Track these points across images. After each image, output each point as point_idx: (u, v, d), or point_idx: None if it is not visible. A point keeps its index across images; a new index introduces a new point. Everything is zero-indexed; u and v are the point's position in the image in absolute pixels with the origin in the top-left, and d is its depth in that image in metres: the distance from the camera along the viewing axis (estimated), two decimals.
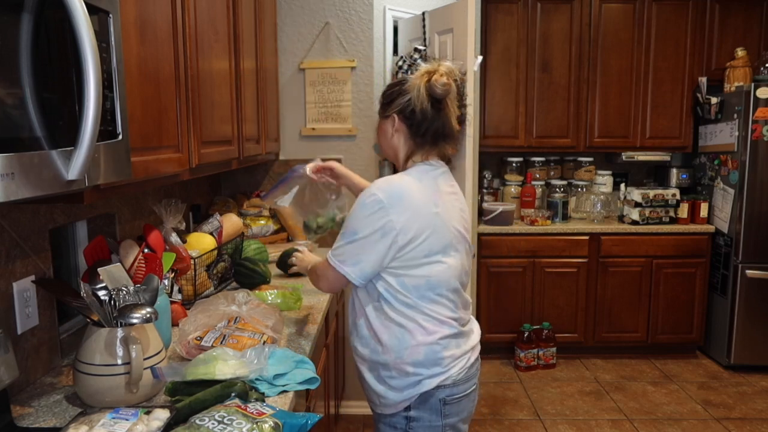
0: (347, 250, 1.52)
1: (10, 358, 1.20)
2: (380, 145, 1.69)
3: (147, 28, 1.43)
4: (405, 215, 1.48)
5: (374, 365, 1.58)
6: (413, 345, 1.53)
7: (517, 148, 4.22)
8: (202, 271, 2.10)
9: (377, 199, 1.48)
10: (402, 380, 1.54)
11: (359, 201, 1.52)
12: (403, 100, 1.57)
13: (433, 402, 1.54)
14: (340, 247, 1.54)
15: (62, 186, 0.97)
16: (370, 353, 1.58)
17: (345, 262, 1.53)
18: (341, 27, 3.15)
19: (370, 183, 1.92)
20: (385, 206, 1.48)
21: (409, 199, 1.50)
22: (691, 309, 4.04)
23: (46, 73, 0.93)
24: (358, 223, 1.50)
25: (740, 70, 3.93)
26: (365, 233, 1.49)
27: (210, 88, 1.92)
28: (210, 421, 1.14)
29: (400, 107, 1.57)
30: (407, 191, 1.51)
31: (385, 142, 1.65)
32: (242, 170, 3.24)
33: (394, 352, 1.54)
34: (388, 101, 1.61)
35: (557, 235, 3.98)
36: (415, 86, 1.55)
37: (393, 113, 1.59)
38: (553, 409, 3.38)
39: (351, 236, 1.51)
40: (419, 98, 1.54)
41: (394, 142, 1.62)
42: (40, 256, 1.50)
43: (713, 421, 3.24)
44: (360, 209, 1.51)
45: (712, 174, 4.07)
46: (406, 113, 1.57)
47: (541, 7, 4.06)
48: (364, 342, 1.60)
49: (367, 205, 1.49)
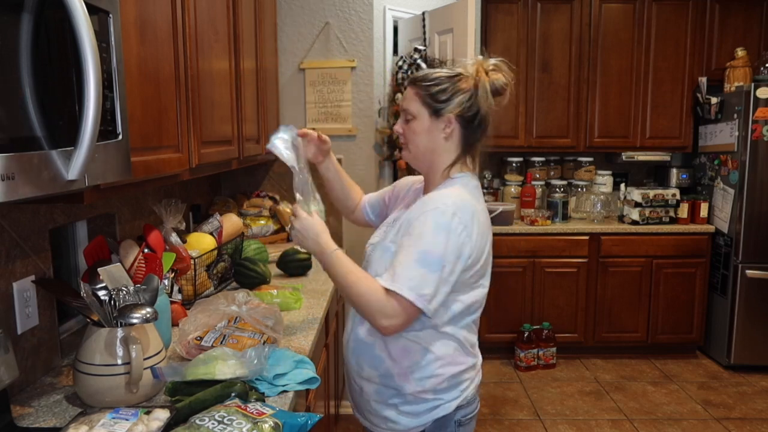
0: (430, 281, 1.28)
1: (10, 358, 1.20)
2: (413, 144, 1.43)
3: (147, 28, 1.43)
4: (475, 238, 1.34)
5: (384, 389, 1.44)
6: (439, 374, 1.41)
7: (517, 148, 4.22)
8: (202, 271, 2.10)
9: (461, 220, 1.31)
10: (418, 406, 1.43)
11: (436, 220, 1.30)
12: (463, 98, 1.37)
13: (449, 424, 1.44)
14: (419, 276, 1.28)
15: (62, 186, 0.97)
16: (380, 376, 1.44)
17: (427, 296, 1.28)
18: (341, 27, 3.15)
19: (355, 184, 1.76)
20: (467, 228, 1.32)
21: (478, 219, 1.36)
22: (691, 309, 4.04)
23: (46, 73, 0.93)
24: (444, 248, 1.29)
25: (740, 70, 3.93)
26: (450, 261, 1.30)
27: (210, 88, 1.92)
28: (210, 421, 1.14)
29: (460, 108, 1.37)
30: (476, 211, 1.37)
31: (430, 146, 1.42)
32: (242, 170, 3.24)
33: (415, 380, 1.41)
34: (442, 99, 1.38)
35: (557, 235, 3.98)
36: (478, 84, 1.36)
37: (451, 114, 1.38)
38: (553, 409, 3.38)
39: (436, 264, 1.28)
40: (486, 99, 1.37)
41: (439, 145, 1.41)
42: (40, 256, 1.50)
43: (713, 421, 3.24)
44: (444, 231, 1.29)
45: (712, 174, 4.07)
46: (467, 115, 1.38)
47: (541, 7, 4.06)
48: (375, 363, 1.44)
49: (452, 228, 1.30)
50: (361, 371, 1.48)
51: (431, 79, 1.40)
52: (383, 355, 1.43)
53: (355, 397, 1.56)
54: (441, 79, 1.39)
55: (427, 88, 1.39)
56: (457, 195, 1.36)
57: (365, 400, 1.50)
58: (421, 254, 1.29)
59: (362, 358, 1.47)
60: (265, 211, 3.05)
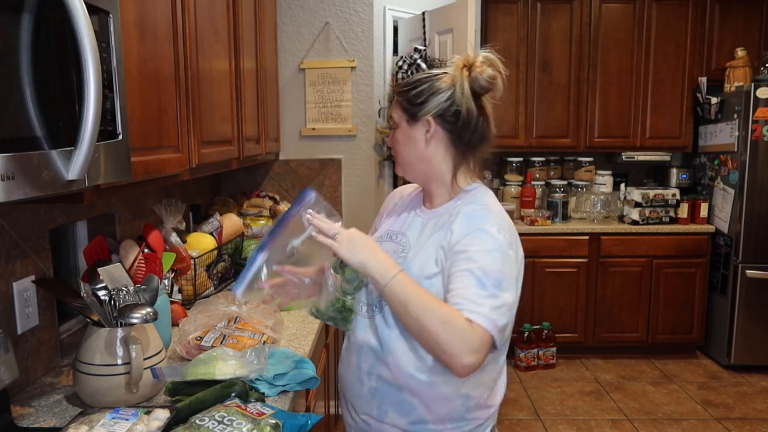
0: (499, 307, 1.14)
1: (10, 358, 1.20)
2: (402, 158, 1.32)
3: (147, 28, 1.43)
4: (519, 256, 1.25)
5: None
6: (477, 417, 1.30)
7: (517, 148, 4.21)
8: (202, 271, 2.10)
9: (506, 236, 1.21)
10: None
11: (484, 240, 1.18)
12: (440, 99, 1.25)
13: None
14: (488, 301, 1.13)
15: (62, 186, 0.97)
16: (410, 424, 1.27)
17: (499, 325, 1.14)
18: (341, 27, 3.15)
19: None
20: (512, 247, 1.22)
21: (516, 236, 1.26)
22: (691, 309, 4.04)
23: (46, 73, 0.93)
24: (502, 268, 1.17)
25: (740, 70, 3.93)
26: (508, 281, 1.18)
27: (210, 88, 1.92)
28: (210, 421, 1.14)
29: (437, 109, 1.25)
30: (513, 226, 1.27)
31: (414, 153, 1.29)
32: (242, 170, 3.24)
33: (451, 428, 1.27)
34: (417, 102, 1.27)
35: (557, 235, 3.98)
36: (456, 81, 1.26)
37: (428, 117, 1.26)
38: (553, 409, 3.38)
39: (495, 287, 1.15)
40: (464, 96, 1.26)
41: (430, 152, 1.28)
42: (40, 256, 1.50)
43: (713, 421, 3.24)
44: (497, 251, 1.18)
45: (712, 174, 4.07)
46: (447, 116, 1.26)
47: (541, 7, 4.06)
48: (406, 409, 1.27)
49: (502, 245, 1.19)
50: (384, 417, 1.28)
51: (410, 83, 1.31)
52: (415, 401, 1.25)
53: None
54: (419, 81, 1.29)
55: (405, 93, 1.30)
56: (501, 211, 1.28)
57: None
58: (484, 275, 1.15)
59: (387, 401, 1.27)
60: (265, 211, 3.04)
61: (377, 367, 1.27)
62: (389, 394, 1.27)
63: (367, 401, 1.30)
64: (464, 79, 1.27)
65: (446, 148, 1.30)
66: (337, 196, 3.26)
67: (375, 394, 1.29)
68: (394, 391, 1.26)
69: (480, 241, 1.18)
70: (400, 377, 1.24)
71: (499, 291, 1.15)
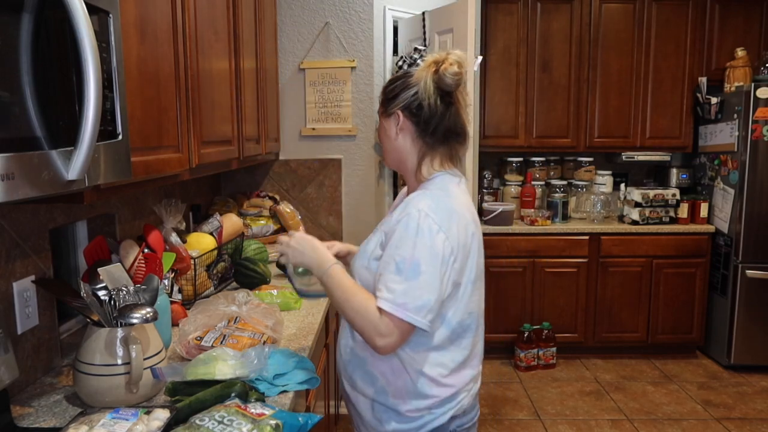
0: (410, 289, 1.25)
1: (10, 358, 1.20)
2: (383, 148, 1.48)
3: (147, 28, 1.43)
4: (456, 237, 1.30)
5: (378, 405, 1.41)
6: (435, 395, 1.38)
7: (517, 148, 4.21)
8: (202, 271, 2.10)
9: (434, 220, 1.28)
10: (414, 423, 1.39)
11: (408, 225, 1.28)
12: (408, 94, 1.37)
13: None
14: (399, 288, 1.25)
15: (62, 186, 0.97)
16: (375, 393, 1.41)
17: (411, 308, 1.25)
18: (341, 27, 3.15)
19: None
20: (442, 228, 1.28)
21: (458, 217, 1.33)
22: (691, 309, 4.04)
23: (46, 73, 0.93)
24: (418, 252, 1.25)
25: (740, 70, 3.93)
26: (429, 265, 1.25)
27: (210, 88, 1.92)
28: (210, 421, 1.14)
29: (404, 102, 1.38)
30: (453, 210, 1.33)
31: (389, 144, 1.43)
32: (242, 170, 3.24)
33: (410, 401, 1.38)
34: (390, 97, 1.41)
35: (557, 235, 3.98)
36: (421, 78, 1.36)
37: (396, 110, 1.38)
38: (553, 409, 3.38)
39: (412, 271, 1.25)
40: (426, 91, 1.35)
41: (399, 143, 1.41)
42: (40, 256, 1.50)
43: (713, 421, 3.24)
44: (415, 235, 1.26)
45: (712, 174, 4.07)
46: (412, 109, 1.37)
47: (541, 7, 4.06)
48: (369, 379, 1.41)
49: (423, 230, 1.26)
50: (354, 384, 1.45)
51: (389, 80, 1.45)
52: (376, 372, 1.40)
53: (349, 407, 1.53)
54: (396, 78, 1.43)
55: (384, 89, 1.45)
56: (430, 197, 1.34)
57: (361, 416, 1.48)
58: (399, 264, 1.26)
59: (355, 372, 1.44)
60: (265, 211, 3.05)
61: (350, 342, 1.45)
62: (357, 366, 1.44)
63: (344, 370, 1.48)
64: (429, 76, 1.36)
65: (413, 140, 1.41)
66: (337, 196, 3.26)
67: (348, 365, 1.46)
68: (360, 362, 1.43)
69: (403, 226, 1.29)
70: (363, 350, 1.40)
71: (417, 275, 1.25)
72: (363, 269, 1.39)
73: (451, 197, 1.36)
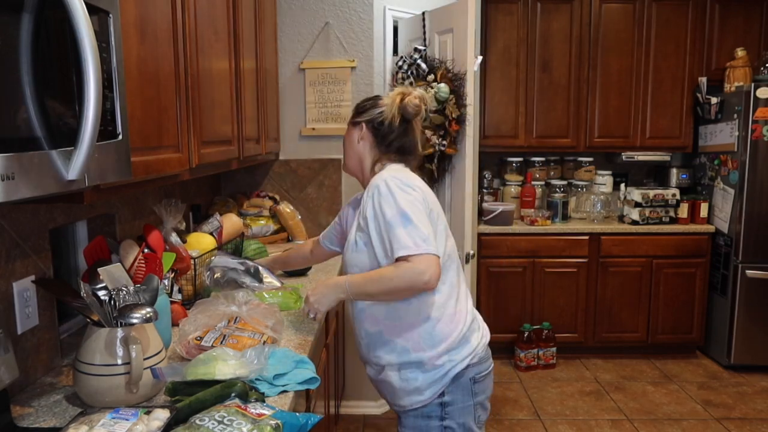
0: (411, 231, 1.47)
1: (10, 358, 1.20)
2: (345, 153, 1.76)
3: (147, 28, 1.43)
4: (420, 188, 1.56)
5: (405, 368, 1.60)
6: (447, 333, 1.58)
7: (517, 148, 4.22)
8: (202, 271, 2.10)
9: (396, 182, 1.52)
10: (436, 371, 1.58)
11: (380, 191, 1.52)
12: (375, 111, 1.68)
13: (464, 382, 1.61)
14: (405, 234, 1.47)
15: (62, 186, 0.97)
16: (398, 356, 1.60)
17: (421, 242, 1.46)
18: (341, 27, 3.15)
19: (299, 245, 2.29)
20: (406, 184, 1.53)
21: (415, 178, 1.60)
22: (691, 309, 4.04)
23: (46, 73, 0.93)
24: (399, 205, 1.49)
25: (740, 70, 3.93)
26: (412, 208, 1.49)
27: (210, 88, 1.92)
28: (210, 421, 1.14)
29: (370, 117, 1.68)
30: (409, 175, 1.61)
31: (350, 148, 1.73)
32: (242, 170, 3.24)
33: (428, 346, 1.57)
34: (360, 111, 1.72)
35: (557, 235, 3.98)
36: (390, 101, 1.65)
37: (362, 121, 1.69)
38: (553, 409, 3.38)
39: (404, 219, 1.48)
40: (390, 112, 1.65)
41: (359, 148, 1.70)
42: (40, 256, 1.50)
43: (713, 421, 3.24)
44: (388, 195, 1.51)
45: (712, 174, 4.07)
46: (375, 123, 1.67)
47: (541, 7, 4.06)
48: (390, 347, 1.61)
49: (393, 189, 1.51)
50: (381, 360, 1.63)
51: (362, 100, 1.77)
52: (392, 337, 1.60)
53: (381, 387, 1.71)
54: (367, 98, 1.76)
55: (356, 107, 1.76)
56: (385, 171, 1.61)
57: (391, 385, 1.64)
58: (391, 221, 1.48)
59: (377, 348, 1.64)
60: (265, 211, 3.05)
61: (363, 327, 1.67)
62: (376, 342, 1.64)
63: (367, 353, 1.69)
64: (396, 101, 1.65)
65: (371, 147, 1.70)
66: (336, 196, 3.26)
67: (369, 347, 1.67)
68: (377, 338, 1.63)
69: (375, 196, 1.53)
70: (378, 325, 1.62)
71: (409, 220, 1.47)
72: (354, 254, 1.62)
73: (403, 171, 1.63)
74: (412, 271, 1.45)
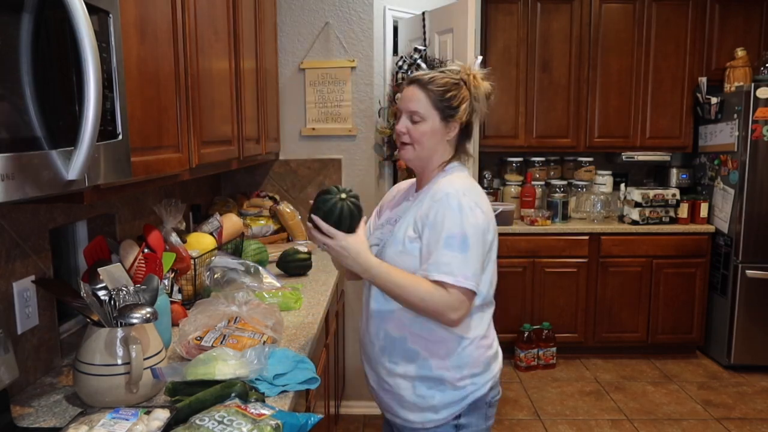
0: (464, 260, 1.37)
1: (10, 358, 1.20)
2: (422, 146, 1.49)
3: (147, 28, 1.43)
4: (490, 215, 1.46)
5: (422, 382, 1.49)
6: (476, 357, 1.49)
7: (517, 148, 4.22)
8: (202, 271, 2.10)
9: (470, 198, 1.41)
10: (457, 392, 1.49)
11: (450, 203, 1.39)
12: (467, 106, 1.48)
13: (481, 405, 1.52)
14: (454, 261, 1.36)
15: (62, 186, 0.97)
16: (417, 368, 1.49)
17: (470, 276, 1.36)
18: (341, 27, 3.15)
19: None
20: (478, 204, 1.42)
21: (485, 199, 1.48)
22: (691, 309, 4.04)
23: (46, 73, 0.93)
24: (464, 227, 1.38)
25: (740, 70, 3.93)
26: (474, 237, 1.38)
27: (210, 88, 1.92)
28: (210, 421, 1.14)
29: (465, 114, 1.48)
30: (480, 191, 1.48)
31: (433, 146, 1.50)
32: (242, 170, 3.24)
33: (453, 367, 1.47)
34: (456, 105, 1.47)
35: (557, 235, 3.98)
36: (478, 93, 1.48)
37: (457, 118, 1.48)
38: (553, 409, 3.38)
39: (463, 244, 1.37)
40: (481, 108, 1.50)
41: (441, 146, 1.50)
42: (40, 256, 1.50)
43: (713, 421, 3.24)
44: (457, 212, 1.38)
45: (712, 174, 4.07)
46: (467, 121, 1.50)
47: (541, 7, 4.06)
48: (410, 356, 1.49)
49: (464, 207, 1.39)
50: (395, 368, 1.51)
51: (441, 84, 1.47)
52: (416, 347, 1.48)
53: (385, 397, 1.57)
54: (449, 85, 1.47)
55: (439, 93, 1.47)
56: (459, 179, 1.47)
57: (403, 399, 1.51)
58: (449, 239, 1.37)
59: (395, 354, 1.51)
60: (265, 211, 3.05)
61: (382, 327, 1.52)
62: (396, 348, 1.50)
63: (380, 358, 1.53)
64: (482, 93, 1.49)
65: (453, 145, 1.53)
66: None
67: (384, 351, 1.52)
68: (399, 343, 1.49)
69: (444, 206, 1.40)
70: (403, 330, 1.48)
71: (467, 247, 1.37)
72: (398, 254, 1.46)
73: (470, 180, 1.51)
74: (444, 303, 1.36)
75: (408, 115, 1.49)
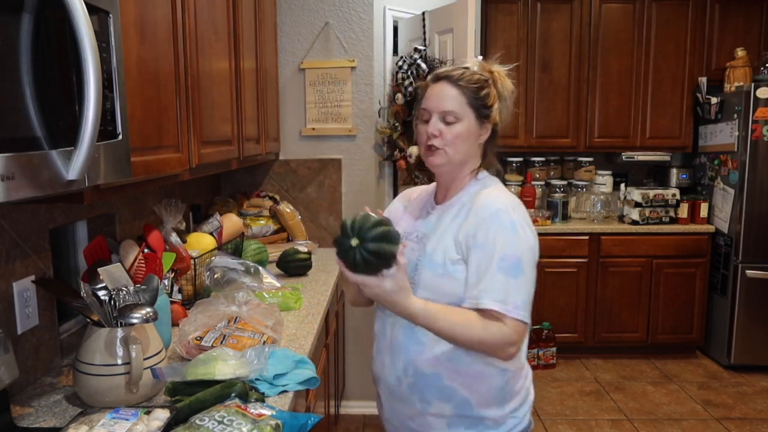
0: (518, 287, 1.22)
1: (10, 358, 1.20)
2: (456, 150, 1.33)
3: (147, 28, 1.43)
4: (534, 232, 1.31)
5: (459, 420, 1.32)
6: (517, 390, 1.36)
7: (517, 148, 4.21)
8: (202, 271, 2.10)
9: (520, 215, 1.28)
10: (498, 429, 1.34)
11: (502, 222, 1.25)
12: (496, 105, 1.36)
13: None
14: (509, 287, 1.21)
15: (62, 186, 0.97)
16: (455, 408, 1.31)
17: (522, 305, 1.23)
18: (341, 27, 3.15)
19: None
20: (528, 224, 1.29)
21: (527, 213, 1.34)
22: (691, 309, 4.04)
23: (46, 73, 0.93)
24: (519, 249, 1.24)
25: (740, 70, 3.93)
26: (527, 261, 1.25)
27: (210, 88, 1.92)
28: (210, 421, 1.14)
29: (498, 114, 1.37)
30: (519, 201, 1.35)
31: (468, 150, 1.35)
32: (242, 170, 3.24)
33: (497, 405, 1.32)
34: (491, 104, 1.34)
35: (557, 235, 3.98)
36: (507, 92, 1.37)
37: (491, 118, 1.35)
38: (553, 409, 3.38)
39: (516, 269, 1.22)
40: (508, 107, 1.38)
41: (474, 150, 1.36)
42: (40, 256, 1.50)
43: (713, 421, 3.24)
44: (512, 232, 1.24)
45: (712, 174, 4.07)
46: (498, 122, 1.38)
47: (541, 7, 4.06)
48: (447, 394, 1.31)
49: (516, 226, 1.25)
50: (428, 408, 1.33)
51: (474, 81, 1.33)
52: (454, 385, 1.30)
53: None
54: (482, 82, 1.34)
55: (473, 90, 1.32)
56: (500, 192, 1.35)
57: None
58: (501, 262, 1.22)
59: (428, 392, 1.32)
60: (265, 211, 3.05)
61: (415, 363, 1.32)
62: (430, 385, 1.31)
63: (407, 397, 1.35)
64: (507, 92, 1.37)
65: (486, 145, 1.40)
66: (336, 196, 3.26)
67: (414, 388, 1.33)
68: (434, 380, 1.31)
69: (495, 224, 1.25)
70: (437, 366, 1.30)
71: (520, 272, 1.22)
72: (438, 277, 1.29)
73: (515, 198, 1.36)
74: (502, 338, 1.21)
75: (440, 116, 1.32)
